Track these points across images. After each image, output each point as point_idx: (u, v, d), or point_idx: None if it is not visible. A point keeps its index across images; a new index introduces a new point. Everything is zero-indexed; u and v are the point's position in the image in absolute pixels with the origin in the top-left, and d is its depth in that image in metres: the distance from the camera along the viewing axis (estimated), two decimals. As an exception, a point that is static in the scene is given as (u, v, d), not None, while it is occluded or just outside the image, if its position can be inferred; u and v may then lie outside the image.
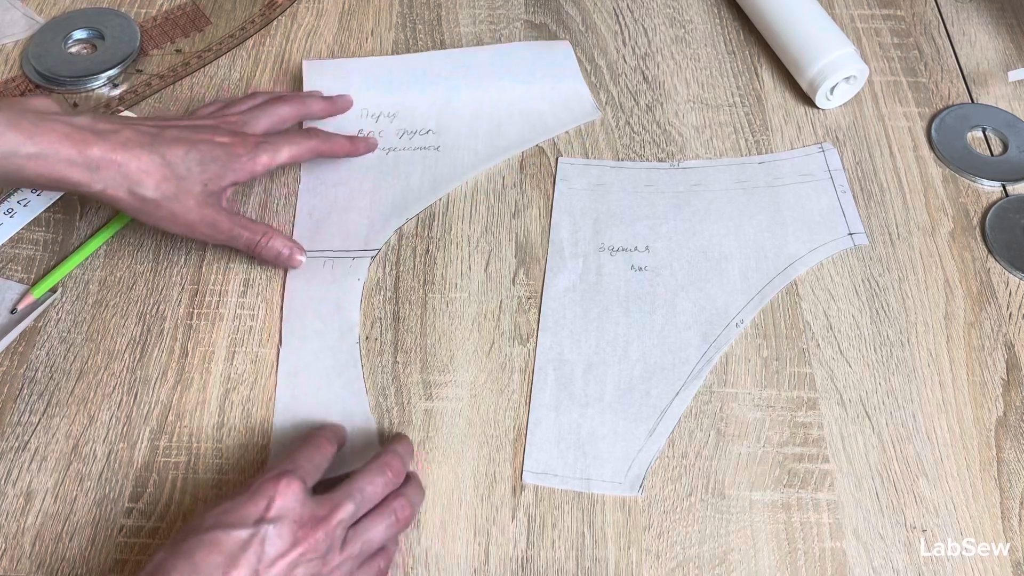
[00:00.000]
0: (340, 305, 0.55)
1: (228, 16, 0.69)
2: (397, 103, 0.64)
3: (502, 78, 0.65)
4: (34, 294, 0.54)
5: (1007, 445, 0.50)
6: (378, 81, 0.65)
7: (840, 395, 0.52)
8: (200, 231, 0.52)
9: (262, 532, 0.40)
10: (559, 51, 0.67)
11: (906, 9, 0.71)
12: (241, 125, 0.55)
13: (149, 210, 0.50)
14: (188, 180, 0.51)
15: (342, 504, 0.42)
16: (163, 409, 0.51)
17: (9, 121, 0.47)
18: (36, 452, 0.50)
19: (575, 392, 0.52)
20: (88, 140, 0.48)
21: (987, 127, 0.64)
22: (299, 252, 0.56)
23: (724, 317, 0.55)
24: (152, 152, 0.50)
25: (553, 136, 0.63)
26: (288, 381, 0.52)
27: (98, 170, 0.48)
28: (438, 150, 0.62)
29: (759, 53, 0.68)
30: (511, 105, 0.64)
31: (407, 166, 0.61)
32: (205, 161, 0.51)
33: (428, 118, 0.63)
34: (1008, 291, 0.56)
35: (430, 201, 0.59)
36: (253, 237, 0.54)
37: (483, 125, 0.63)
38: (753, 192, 0.60)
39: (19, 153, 0.47)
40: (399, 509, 0.45)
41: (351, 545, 0.42)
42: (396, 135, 0.62)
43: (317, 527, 0.41)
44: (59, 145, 0.47)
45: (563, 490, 0.49)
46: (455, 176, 0.60)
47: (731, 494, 0.49)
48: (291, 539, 0.40)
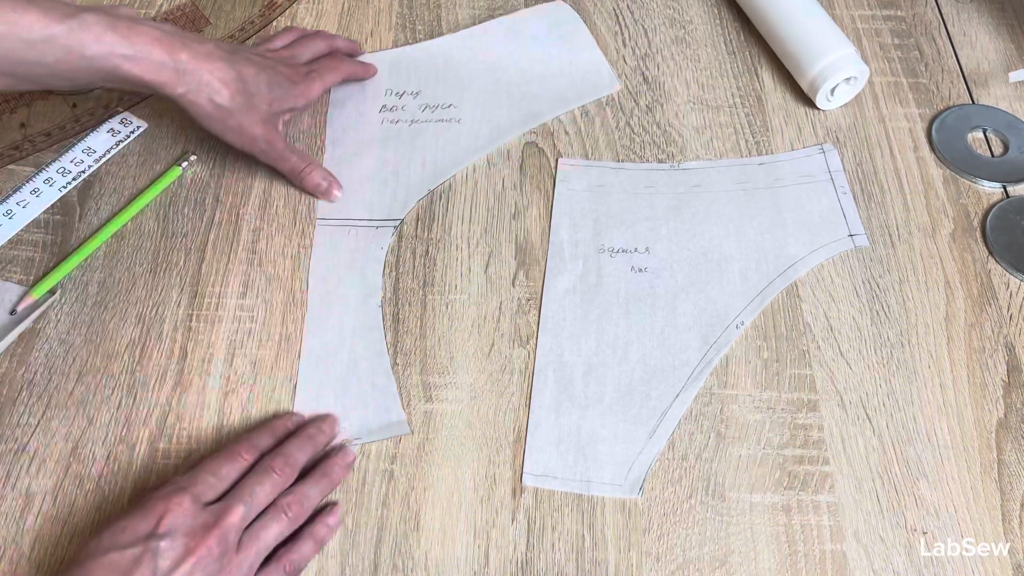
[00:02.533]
0: (364, 272, 0.56)
1: (227, 16, 0.69)
2: (420, 83, 0.66)
3: (519, 52, 0.67)
4: (34, 295, 0.54)
5: (1008, 447, 0.50)
6: (398, 71, 0.67)
7: (840, 397, 0.52)
8: (258, 146, 0.57)
9: (153, 547, 0.41)
10: (562, 14, 0.69)
11: (906, 10, 0.71)
12: (291, 59, 0.60)
13: (221, 117, 0.55)
14: (257, 97, 0.55)
15: (232, 508, 0.43)
16: (162, 411, 0.51)
17: (108, 24, 0.50)
18: (35, 454, 0.49)
19: (575, 394, 0.52)
20: (177, 46, 0.52)
21: (988, 128, 0.64)
22: (336, 187, 0.59)
23: (724, 319, 0.55)
24: (231, 66, 0.54)
25: (573, 108, 0.64)
26: (313, 343, 0.54)
27: (184, 74, 0.52)
28: (459, 123, 0.64)
29: (759, 54, 0.68)
30: (530, 80, 0.66)
31: (429, 138, 0.63)
32: (272, 84, 0.56)
33: (449, 95, 0.65)
34: (1009, 292, 0.56)
35: (450, 174, 0.61)
36: (300, 163, 0.58)
37: (503, 99, 0.65)
38: (753, 193, 0.60)
39: (116, 53, 0.50)
40: (287, 507, 0.45)
41: (246, 547, 0.43)
42: (419, 109, 0.64)
43: (209, 534, 0.42)
44: (152, 47, 0.51)
45: (563, 492, 0.49)
46: (476, 148, 0.62)
47: (731, 496, 0.49)
48: (183, 550, 0.41)
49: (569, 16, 0.69)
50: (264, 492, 0.45)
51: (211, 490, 0.44)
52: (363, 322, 0.54)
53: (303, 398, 0.52)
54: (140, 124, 0.63)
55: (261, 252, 0.57)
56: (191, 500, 0.43)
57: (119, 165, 0.61)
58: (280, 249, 0.57)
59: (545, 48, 0.67)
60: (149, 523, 0.42)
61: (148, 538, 0.41)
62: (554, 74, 0.66)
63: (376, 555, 0.47)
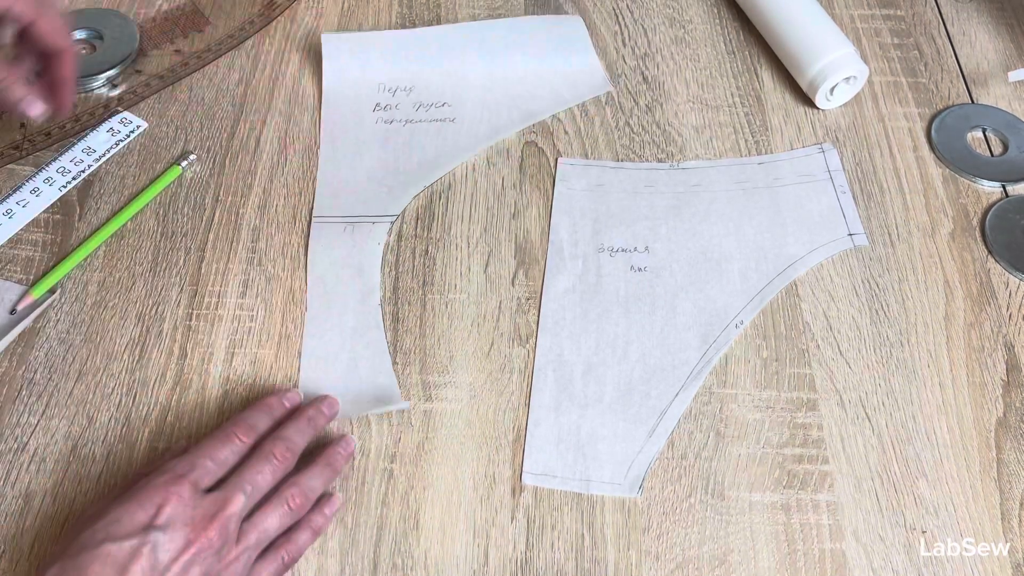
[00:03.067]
0: (361, 269, 0.56)
1: (227, 16, 0.69)
2: (413, 77, 0.65)
3: (515, 51, 0.67)
4: (34, 294, 0.54)
5: (1007, 446, 0.50)
6: (394, 55, 0.66)
7: (840, 396, 0.52)
8: None
9: (152, 539, 0.40)
10: (570, 25, 0.69)
11: (906, 9, 0.71)
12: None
13: None
14: None
15: (232, 498, 0.42)
16: (162, 411, 0.51)
17: None
18: (35, 453, 0.49)
19: (575, 393, 0.52)
20: None
21: (987, 127, 0.64)
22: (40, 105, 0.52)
23: (724, 318, 0.55)
24: None
25: (566, 108, 0.64)
26: (313, 343, 0.53)
27: None
28: (454, 122, 0.63)
29: (759, 53, 0.68)
30: (524, 78, 0.66)
31: (423, 137, 0.62)
32: None
33: (443, 91, 0.65)
34: (1008, 292, 0.56)
35: (447, 170, 0.61)
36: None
37: (497, 97, 0.65)
38: (753, 193, 0.60)
39: None
40: (290, 498, 0.44)
41: (246, 537, 0.42)
42: (413, 107, 0.64)
43: (209, 525, 0.41)
44: None
45: (563, 491, 0.49)
46: (470, 147, 0.62)
47: (731, 495, 0.49)
48: (183, 542, 0.40)
49: (575, 25, 0.68)
50: (264, 480, 0.44)
51: (209, 476, 0.43)
52: (363, 321, 0.54)
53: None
54: (140, 123, 0.63)
55: (261, 252, 0.57)
56: (190, 488, 0.42)
57: (119, 165, 0.61)
58: (280, 248, 0.57)
59: (541, 47, 0.67)
60: (147, 513, 0.40)
61: (146, 530, 0.40)
62: (548, 72, 0.66)
63: (376, 554, 0.47)
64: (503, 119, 0.64)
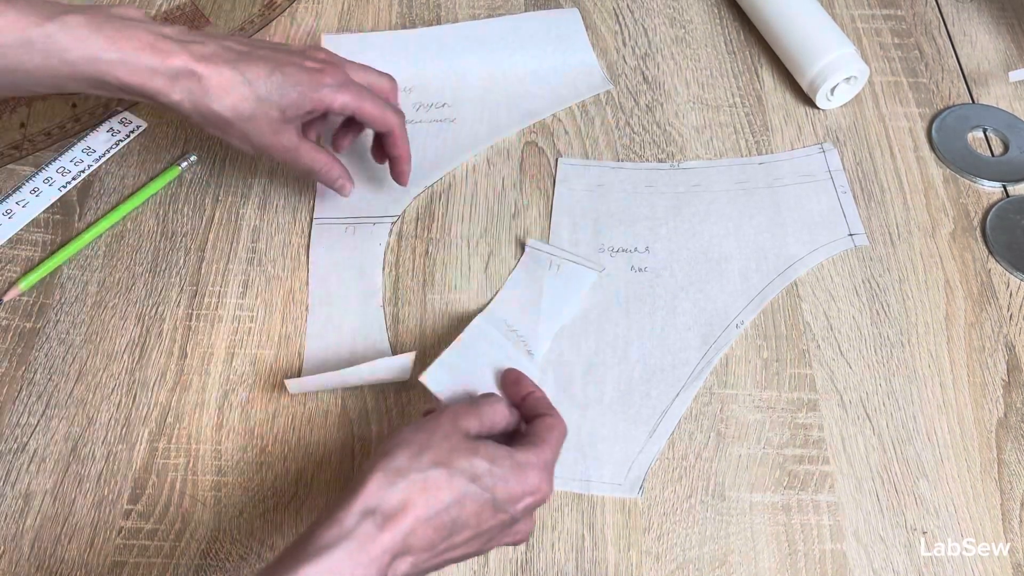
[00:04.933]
0: (363, 270, 0.56)
1: (227, 16, 0.69)
2: (413, 77, 0.65)
3: (514, 51, 0.67)
4: (21, 286, 0.54)
5: (1008, 446, 0.50)
6: (394, 55, 0.66)
7: (840, 396, 0.52)
8: (275, 156, 0.52)
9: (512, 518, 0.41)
10: (568, 20, 0.69)
11: (906, 9, 0.71)
12: (336, 61, 0.53)
13: (221, 127, 0.50)
14: (267, 103, 0.49)
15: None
16: (162, 411, 0.51)
17: (93, 26, 0.46)
18: (35, 454, 0.49)
19: (575, 393, 0.52)
20: (171, 50, 0.47)
21: (988, 127, 0.64)
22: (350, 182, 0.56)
23: (724, 318, 0.55)
24: (234, 69, 0.49)
25: (565, 107, 0.64)
26: (316, 345, 0.53)
27: (178, 79, 0.48)
28: (453, 122, 0.64)
29: (759, 53, 0.68)
30: (523, 78, 0.66)
31: (424, 138, 0.62)
32: (287, 86, 0.50)
33: (443, 91, 0.65)
34: (1009, 292, 0.56)
35: (447, 170, 0.61)
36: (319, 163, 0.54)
37: (496, 97, 0.65)
38: (753, 193, 0.60)
39: (101, 59, 0.46)
40: None
41: None
42: (413, 108, 0.64)
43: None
44: (142, 52, 0.47)
45: (563, 491, 0.49)
46: (470, 147, 0.62)
47: (731, 496, 0.49)
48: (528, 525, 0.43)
49: (572, 20, 0.69)
50: None
51: None
52: (364, 321, 0.54)
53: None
54: (140, 123, 0.63)
55: (261, 252, 0.57)
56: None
57: (119, 165, 0.61)
58: (280, 249, 0.57)
59: (540, 46, 0.67)
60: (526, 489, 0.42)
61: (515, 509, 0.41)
62: (547, 72, 0.66)
63: (376, 554, 0.47)
64: (503, 119, 0.64)
